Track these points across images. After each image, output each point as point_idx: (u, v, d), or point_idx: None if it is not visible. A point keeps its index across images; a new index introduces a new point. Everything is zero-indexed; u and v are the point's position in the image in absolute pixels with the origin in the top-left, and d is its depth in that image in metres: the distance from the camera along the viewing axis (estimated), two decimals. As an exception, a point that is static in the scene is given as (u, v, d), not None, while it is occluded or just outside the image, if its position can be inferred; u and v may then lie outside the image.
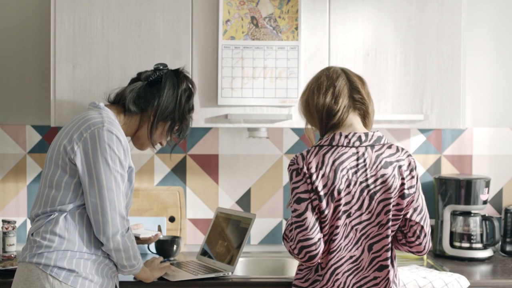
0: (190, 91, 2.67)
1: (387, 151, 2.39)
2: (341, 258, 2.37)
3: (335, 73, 2.45)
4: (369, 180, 2.35)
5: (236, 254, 2.92)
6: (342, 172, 2.34)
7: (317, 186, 2.33)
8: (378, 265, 2.38)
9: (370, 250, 2.37)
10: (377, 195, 2.35)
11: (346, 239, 2.36)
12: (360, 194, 2.35)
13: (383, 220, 2.36)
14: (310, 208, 2.34)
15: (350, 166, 2.35)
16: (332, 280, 2.37)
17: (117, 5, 3.04)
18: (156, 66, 2.63)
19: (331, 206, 2.34)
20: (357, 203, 2.35)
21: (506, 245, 3.37)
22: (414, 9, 3.10)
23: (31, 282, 2.34)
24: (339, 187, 2.33)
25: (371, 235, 2.37)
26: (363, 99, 2.43)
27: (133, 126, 2.60)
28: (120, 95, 2.60)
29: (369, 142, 2.38)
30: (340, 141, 2.37)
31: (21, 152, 3.44)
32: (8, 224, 3.15)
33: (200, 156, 3.47)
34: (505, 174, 3.53)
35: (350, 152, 2.36)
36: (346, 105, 2.40)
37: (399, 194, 2.37)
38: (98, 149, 2.37)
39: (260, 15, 3.06)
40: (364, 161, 2.36)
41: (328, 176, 2.33)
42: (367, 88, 2.47)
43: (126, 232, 2.38)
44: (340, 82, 2.42)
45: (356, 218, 2.36)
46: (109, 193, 2.36)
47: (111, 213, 2.35)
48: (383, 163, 2.36)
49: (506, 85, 3.53)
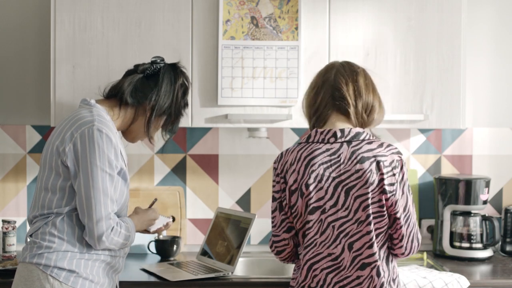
0: (186, 86, 2.66)
1: (366, 146, 2.35)
2: (318, 254, 2.35)
3: (326, 70, 2.48)
4: (343, 176, 2.33)
5: (236, 254, 2.92)
6: (312, 167, 2.35)
7: (288, 182, 2.39)
8: (361, 263, 2.33)
9: (350, 249, 2.33)
10: (352, 190, 2.32)
11: (323, 236, 2.35)
12: (334, 189, 2.33)
13: (361, 217, 2.31)
14: (278, 208, 2.45)
15: (322, 161, 2.35)
16: (311, 275, 2.36)
17: (117, 5, 3.04)
18: (154, 59, 2.62)
19: (301, 201, 2.36)
20: (332, 199, 2.33)
21: (506, 245, 3.37)
22: (414, 9, 3.10)
23: (31, 282, 2.34)
24: (307, 182, 2.34)
25: (350, 233, 2.32)
26: (344, 97, 2.40)
27: (128, 119, 2.58)
28: (117, 88, 2.57)
29: (345, 138, 2.37)
30: (316, 138, 2.40)
31: (21, 152, 3.44)
32: (8, 224, 3.15)
33: (200, 156, 3.47)
34: (505, 174, 3.53)
35: (324, 148, 2.37)
36: (325, 103, 2.42)
37: (379, 190, 2.31)
38: (87, 149, 2.36)
39: (260, 15, 3.06)
40: (338, 157, 2.34)
41: (298, 171, 2.37)
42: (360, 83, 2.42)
43: (111, 231, 2.36)
44: (326, 78, 2.44)
45: (332, 215, 2.33)
46: (95, 193, 2.34)
47: (97, 215, 2.33)
48: (359, 158, 2.33)
49: (506, 85, 3.53)
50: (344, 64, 2.48)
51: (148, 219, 2.66)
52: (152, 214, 2.68)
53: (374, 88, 2.47)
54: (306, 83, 3.06)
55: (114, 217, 2.37)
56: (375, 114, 2.45)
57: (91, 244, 2.36)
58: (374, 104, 2.44)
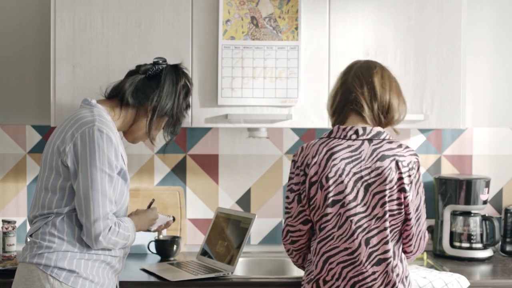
0: (188, 87, 2.66)
1: (386, 145, 2.40)
2: (335, 248, 2.38)
3: (345, 71, 2.52)
4: (363, 172, 2.37)
5: (236, 254, 2.92)
6: (333, 161, 2.38)
7: (309, 174, 2.41)
8: (377, 259, 2.37)
9: (367, 244, 2.36)
10: (372, 186, 2.36)
11: (340, 229, 2.37)
12: (354, 184, 2.37)
13: (379, 213, 2.36)
14: (296, 199, 2.47)
15: (343, 156, 2.39)
16: (326, 268, 2.39)
17: (117, 5, 3.04)
18: (156, 60, 2.62)
19: (320, 193, 2.39)
20: (351, 193, 2.37)
21: (506, 245, 3.37)
22: (414, 9, 3.10)
23: (31, 282, 2.33)
24: (327, 175, 2.38)
25: (367, 229, 2.36)
26: (358, 100, 2.43)
27: (129, 120, 2.58)
28: (118, 88, 2.57)
29: (366, 136, 2.41)
30: (338, 134, 2.44)
31: (21, 152, 3.44)
32: (8, 224, 3.15)
33: (200, 156, 3.47)
34: (505, 174, 3.53)
35: (345, 144, 2.41)
36: (342, 106, 2.47)
37: (397, 188, 2.36)
38: (87, 149, 2.36)
39: (260, 15, 3.06)
40: (359, 153, 2.39)
41: (319, 164, 2.40)
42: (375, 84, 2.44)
43: (108, 231, 2.36)
44: (344, 80, 2.49)
45: (351, 209, 2.37)
46: (93, 194, 2.34)
47: (94, 215, 2.33)
48: (379, 155, 2.37)
49: (506, 85, 3.53)
50: (362, 64, 2.51)
51: (149, 219, 2.67)
52: (152, 214, 2.68)
53: (391, 86, 2.48)
54: (306, 83, 3.07)
55: (112, 217, 2.37)
56: (394, 113, 2.46)
57: (89, 243, 2.36)
58: (392, 103, 2.45)
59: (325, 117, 3.09)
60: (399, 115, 2.47)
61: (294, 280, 2.86)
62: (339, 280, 2.38)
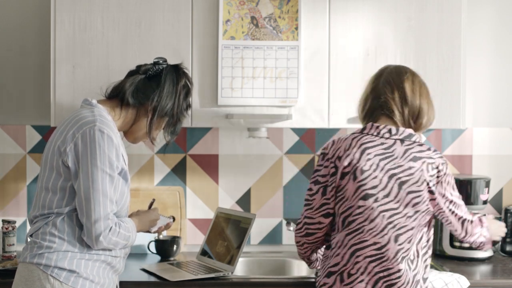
0: (188, 88, 2.65)
1: (417, 147, 2.44)
2: (363, 241, 2.40)
3: (376, 76, 2.55)
4: (397, 169, 2.41)
5: (236, 254, 2.92)
6: (368, 155, 2.42)
7: (343, 164, 2.42)
8: (401, 257, 2.40)
9: (396, 241, 2.39)
10: (405, 185, 2.40)
11: (372, 223, 2.39)
12: (388, 180, 2.40)
13: (409, 212, 2.40)
14: (321, 191, 2.47)
15: (377, 152, 2.42)
16: (352, 262, 2.41)
17: (117, 5, 3.04)
18: (156, 60, 2.62)
19: (352, 184, 2.40)
20: (385, 189, 2.40)
21: (506, 245, 3.37)
22: (414, 9, 3.10)
23: (31, 282, 2.33)
24: (362, 168, 2.40)
25: (397, 226, 2.39)
26: (389, 106, 2.47)
27: (129, 120, 2.58)
28: (119, 88, 2.57)
29: (399, 136, 2.45)
30: (371, 131, 2.47)
31: (21, 152, 3.44)
32: (8, 224, 3.15)
33: (200, 156, 3.47)
34: (505, 174, 3.53)
35: (378, 141, 2.44)
36: (373, 109, 2.51)
37: (427, 189, 2.41)
38: (88, 149, 2.36)
39: (260, 15, 3.06)
40: (392, 152, 2.43)
41: (354, 155, 2.42)
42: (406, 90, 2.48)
43: (109, 231, 2.36)
44: (374, 85, 2.52)
45: (384, 205, 2.39)
46: (94, 194, 2.34)
47: (95, 215, 2.33)
48: (412, 156, 2.42)
49: (506, 85, 3.53)
50: (393, 70, 2.54)
51: (149, 220, 2.66)
52: (153, 215, 2.68)
53: (422, 91, 2.52)
54: (306, 83, 3.07)
55: (112, 218, 2.37)
56: (423, 118, 2.50)
57: (89, 244, 2.36)
58: (422, 108, 2.50)
59: (325, 117, 3.09)
60: (428, 120, 2.52)
61: (294, 280, 2.86)
62: (363, 274, 2.40)
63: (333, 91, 3.09)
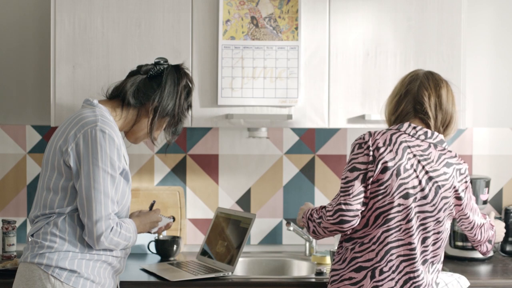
0: (189, 88, 2.66)
1: (448, 153, 2.48)
2: (399, 240, 2.41)
3: (410, 80, 2.55)
4: (434, 173, 2.43)
5: (236, 254, 2.92)
6: (408, 154, 2.43)
7: (384, 157, 2.41)
8: (423, 259, 2.43)
9: (423, 243, 2.43)
10: (441, 190, 2.43)
11: (409, 223, 2.41)
12: (426, 183, 2.42)
13: (440, 217, 2.44)
14: (360, 178, 2.42)
15: (416, 153, 2.44)
16: (386, 259, 2.41)
17: (117, 5, 3.04)
18: (157, 61, 2.62)
19: (395, 181, 2.40)
20: (423, 191, 2.42)
21: (506, 245, 3.37)
22: (414, 9, 3.10)
23: (32, 282, 2.33)
24: (405, 166, 2.41)
25: (428, 229, 2.43)
26: (425, 111, 2.49)
27: (130, 120, 2.58)
28: (119, 88, 2.57)
29: (433, 140, 2.48)
30: (408, 130, 2.48)
31: (21, 152, 3.44)
32: (8, 224, 3.15)
33: (200, 156, 3.47)
34: (505, 174, 3.53)
35: (416, 142, 2.46)
36: (406, 113, 2.51)
37: (455, 195, 2.46)
38: (90, 149, 2.36)
39: (260, 15, 3.06)
40: (428, 155, 2.45)
41: (396, 152, 2.42)
42: (443, 97, 2.51)
43: (110, 232, 2.36)
44: (409, 88, 2.52)
45: (421, 206, 2.42)
46: (96, 194, 2.34)
47: (96, 215, 2.33)
48: (445, 162, 2.45)
49: (506, 85, 3.53)
50: (428, 76, 2.55)
51: (150, 222, 2.66)
52: (154, 217, 2.67)
53: (453, 101, 2.55)
54: (306, 83, 3.07)
55: (114, 218, 2.37)
56: (452, 126, 2.54)
57: (90, 244, 2.36)
58: (453, 116, 2.53)
59: (325, 117, 3.09)
60: (455, 129, 2.57)
61: (294, 280, 2.86)
62: (395, 273, 2.41)
63: (333, 91, 3.09)
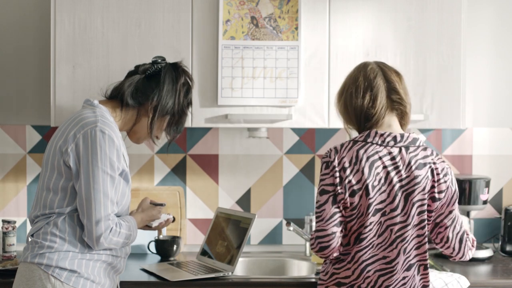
0: (189, 85, 2.65)
1: (421, 153, 2.40)
2: (373, 256, 2.37)
3: (372, 72, 2.46)
4: (404, 181, 2.37)
5: (236, 254, 2.92)
6: (376, 169, 2.36)
7: (351, 181, 2.35)
8: (408, 265, 2.39)
9: (404, 252, 2.37)
10: (411, 196, 2.36)
11: (380, 238, 2.37)
12: (396, 193, 2.36)
13: (415, 221, 2.38)
14: (330, 201, 2.36)
15: (384, 165, 2.37)
16: (363, 276, 2.38)
17: (117, 5, 3.04)
18: (154, 59, 2.61)
19: (365, 201, 2.35)
20: (393, 203, 2.36)
21: (506, 245, 3.37)
22: (414, 9, 3.10)
23: (32, 282, 2.33)
24: (372, 183, 2.35)
25: (406, 238, 2.37)
26: (401, 99, 2.43)
27: (130, 120, 2.58)
28: (118, 89, 2.57)
29: (403, 143, 2.40)
30: (375, 139, 2.40)
31: (21, 152, 3.44)
32: (8, 224, 3.15)
33: (200, 156, 3.47)
34: (505, 174, 3.53)
35: (385, 151, 2.38)
36: (383, 106, 2.42)
37: (429, 195, 2.39)
38: (89, 150, 2.35)
39: (260, 15, 3.06)
40: (398, 162, 2.38)
41: (362, 171, 2.35)
42: (404, 84, 2.46)
43: (109, 232, 2.36)
44: (378, 82, 2.44)
45: (392, 218, 2.36)
46: (95, 194, 2.33)
47: (96, 216, 2.33)
48: (417, 164, 2.38)
49: (506, 85, 3.53)
50: (381, 66, 2.49)
51: (149, 216, 2.64)
52: (153, 213, 2.67)
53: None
54: (306, 83, 3.07)
55: (113, 218, 2.37)
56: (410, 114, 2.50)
57: (90, 244, 2.36)
58: (411, 106, 2.49)
59: (325, 117, 3.09)
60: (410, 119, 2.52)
61: (294, 280, 2.86)
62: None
63: (333, 91, 3.09)
